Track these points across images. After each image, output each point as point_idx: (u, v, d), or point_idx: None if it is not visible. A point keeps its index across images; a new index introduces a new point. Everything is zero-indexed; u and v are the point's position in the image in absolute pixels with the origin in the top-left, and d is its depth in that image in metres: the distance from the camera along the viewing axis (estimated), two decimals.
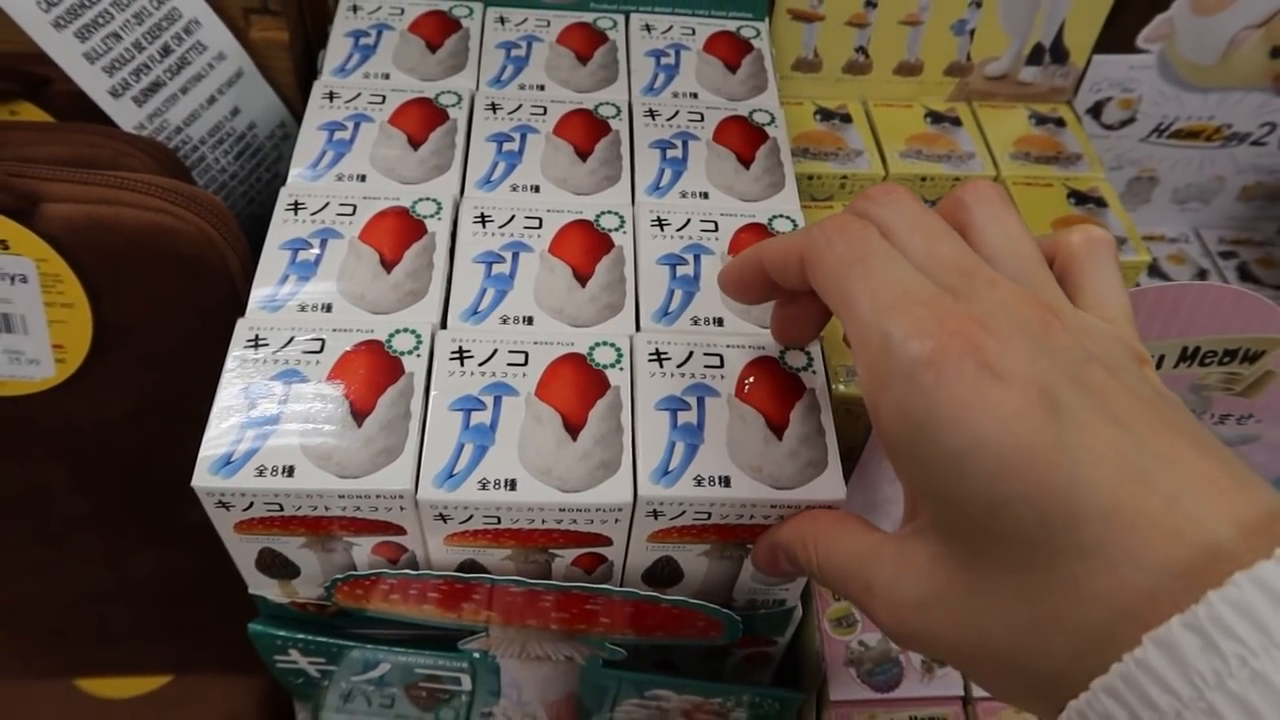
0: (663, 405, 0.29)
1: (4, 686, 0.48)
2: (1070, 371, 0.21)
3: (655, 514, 0.28)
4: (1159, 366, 0.32)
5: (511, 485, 0.27)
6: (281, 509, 0.28)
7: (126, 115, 0.38)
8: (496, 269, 0.33)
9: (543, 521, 0.28)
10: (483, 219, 0.34)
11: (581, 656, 0.34)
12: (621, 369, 0.30)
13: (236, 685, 0.49)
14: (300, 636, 0.34)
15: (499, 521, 0.28)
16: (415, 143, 0.37)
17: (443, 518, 0.28)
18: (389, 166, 0.36)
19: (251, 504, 0.28)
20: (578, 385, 0.29)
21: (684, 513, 0.28)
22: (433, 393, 0.29)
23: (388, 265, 0.32)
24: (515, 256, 0.33)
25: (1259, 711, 0.16)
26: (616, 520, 0.28)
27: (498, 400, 0.29)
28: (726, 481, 0.28)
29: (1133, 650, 0.17)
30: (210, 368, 0.37)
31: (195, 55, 0.39)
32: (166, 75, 0.38)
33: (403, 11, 0.43)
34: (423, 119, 0.38)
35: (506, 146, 0.37)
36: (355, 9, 0.43)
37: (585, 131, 0.38)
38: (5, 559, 0.41)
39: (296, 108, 0.44)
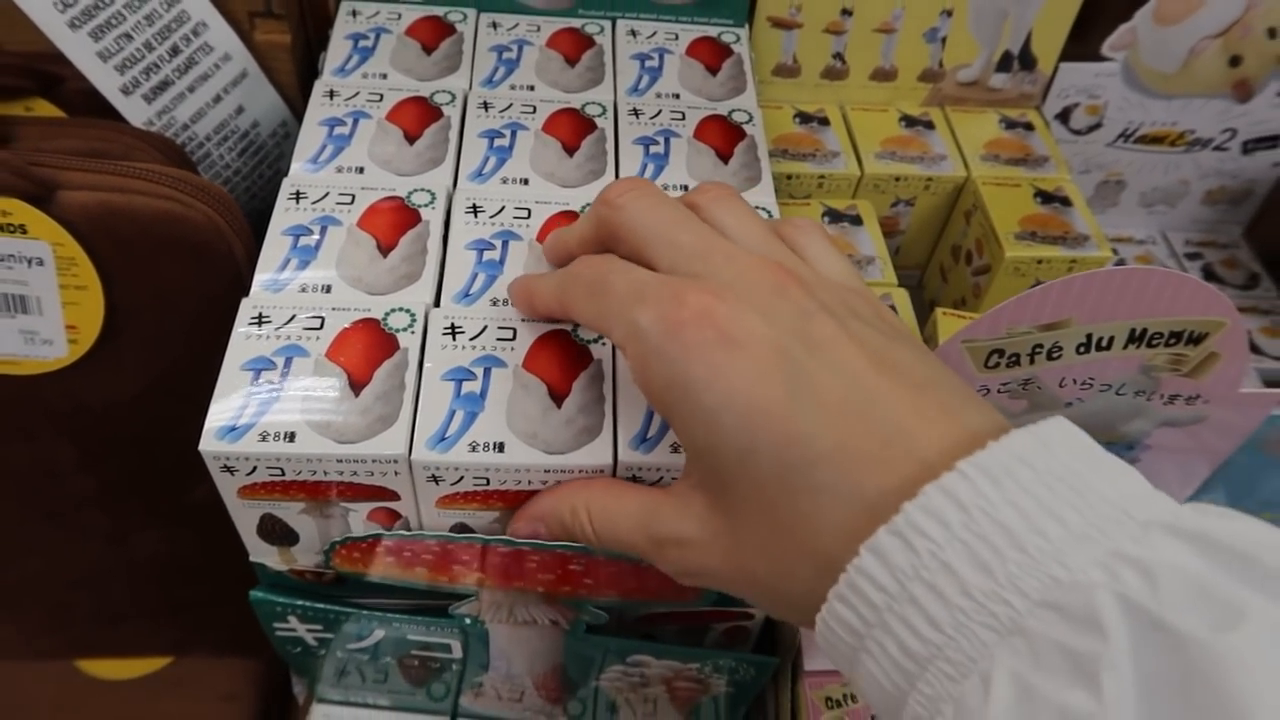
0: None
1: (6, 667, 0.49)
2: (800, 329, 0.24)
3: (634, 478, 0.30)
4: (1109, 348, 0.34)
5: (499, 448, 0.29)
6: (283, 473, 0.30)
7: (136, 112, 0.40)
8: (487, 255, 0.35)
9: (529, 483, 0.30)
10: (474, 209, 0.36)
11: (566, 621, 0.35)
12: (604, 344, 0.32)
13: (234, 667, 0.50)
14: (299, 603, 0.35)
15: (488, 483, 0.30)
16: (411, 138, 0.39)
17: (435, 479, 0.30)
18: (386, 160, 0.38)
19: (255, 468, 0.30)
20: (563, 357, 0.31)
21: (661, 478, 0.30)
22: (426, 365, 0.31)
23: (384, 250, 0.34)
24: (505, 244, 0.35)
25: (945, 594, 0.19)
26: None
27: (487, 371, 0.31)
28: None
29: (853, 560, 0.21)
30: (215, 351, 0.38)
31: (202, 56, 0.41)
32: (175, 74, 0.40)
33: (400, 16, 0.45)
34: (418, 116, 0.40)
35: (498, 142, 0.39)
36: (355, 13, 0.45)
37: (572, 129, 0.40)
38: (12, 537, 0.43)
39: (297, 107, 0.46)
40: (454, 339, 0.32)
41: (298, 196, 0.36)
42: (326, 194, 0.36)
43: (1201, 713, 0.16)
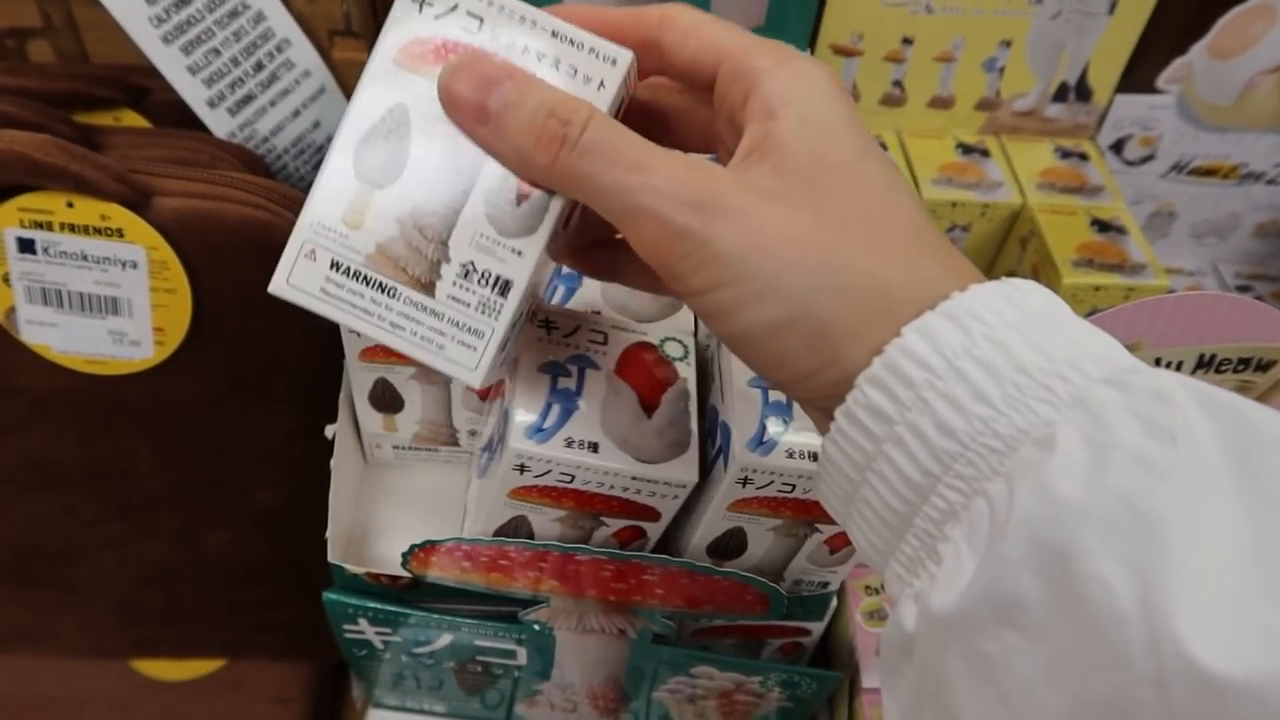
0: (755, 384, 0.32)
1: (65, 665, 0.50)
2: None
3: (745, 481, 0.31)
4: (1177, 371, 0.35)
5: (594, 448, 0.30)
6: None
7: (220, 124, 0.41)
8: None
9: (611, 487, 0.31)
10: None
11: (634, 629, 0.36)
12: (689, 363, 0.33)
13: (287, 671, 0.51)
14: (371, 605, 0.36)
15: (571, 480, 0.30)
16: None
17: (522, 469, 0.30)
18: None
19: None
20: (652, 371, 0.32)
21: (772, 482, 0.31)
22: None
23: None
24: None
25: (998, 369, 0.19)
26: (675, 496, 0.31)
27: (581, 371, 0.31)
28: (815, 457, 0.30)
29: (893, 340, 0.20)
30: (290, 355, 0.39)
31: (284, 71, 0.42)
32: (258, 89, 0.42)
33: None
34: None
35: None
36: None
37: None
38: (87, 533, 0.44)
39: None
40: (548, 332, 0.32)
41: None
42: None
43: (1274, 474, 0.17)
